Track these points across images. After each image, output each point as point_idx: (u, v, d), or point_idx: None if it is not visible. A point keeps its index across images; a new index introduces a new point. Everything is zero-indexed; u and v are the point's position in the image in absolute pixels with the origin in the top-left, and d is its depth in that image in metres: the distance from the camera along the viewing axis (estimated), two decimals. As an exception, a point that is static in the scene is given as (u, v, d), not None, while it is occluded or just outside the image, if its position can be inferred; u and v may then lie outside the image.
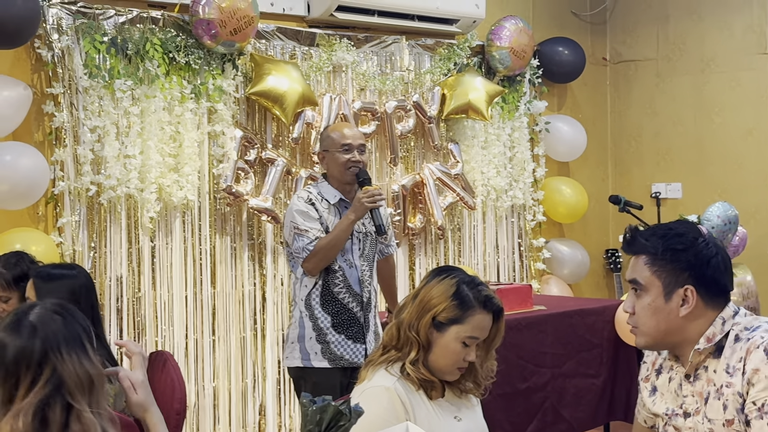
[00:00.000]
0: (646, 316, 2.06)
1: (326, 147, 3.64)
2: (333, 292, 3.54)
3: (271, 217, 4.72)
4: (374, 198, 3.49)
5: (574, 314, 4.69)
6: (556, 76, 6.14)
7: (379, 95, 5.25)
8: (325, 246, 3.47)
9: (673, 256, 2.04)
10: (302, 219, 3.50)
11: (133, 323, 4.35)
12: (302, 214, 3.51)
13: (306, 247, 3.48)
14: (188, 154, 4.43)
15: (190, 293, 4.53)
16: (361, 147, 3.61)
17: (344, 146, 3.57)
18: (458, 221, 5.68)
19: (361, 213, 3.49)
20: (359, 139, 3.63)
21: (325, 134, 3.69)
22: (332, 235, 3.49)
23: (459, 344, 2.22)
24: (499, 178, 5.76)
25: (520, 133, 5.90)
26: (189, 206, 4.52)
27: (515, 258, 5.98)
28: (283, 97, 4.64)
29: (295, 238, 3.51)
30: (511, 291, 4.65)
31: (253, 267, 4.76)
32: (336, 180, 3.61)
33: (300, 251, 3.50)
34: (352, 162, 3.56)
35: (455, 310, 2.21)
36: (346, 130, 3.64)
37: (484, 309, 2.23)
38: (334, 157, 3.58)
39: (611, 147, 6.67)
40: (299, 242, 3.49)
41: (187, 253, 4.53)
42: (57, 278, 2.79)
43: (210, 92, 4.52)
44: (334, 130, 3.65)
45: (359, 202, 3.47)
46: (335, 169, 3.59)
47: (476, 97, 5.44)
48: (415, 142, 5.46)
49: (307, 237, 3.48)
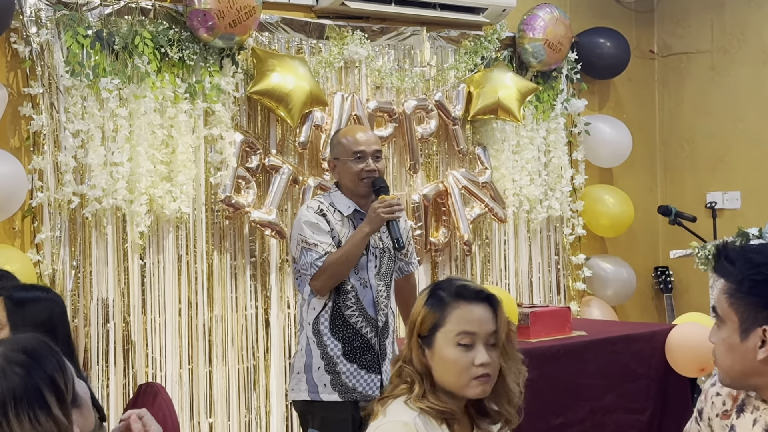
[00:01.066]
0: (723, 352, 2.00)
1: (337, 155, 3.66)
2: (344, 315, 3.54)
3: (276, 232, 4.74)
4: (392, 208, 3.50)
5: (618, 341, 4.67)
6: (596, 72, 6.13)
7: (397, 94, 5.26)
8: (336, 261, 3.48)
9: (752, 288, 1.95)
10: (311, 231, 3.51)
11: (121, 352, 4.35)
12: (311, 226, 3.52)
13: (314, 262, 3.48)
14: (182, 161, 4.45)
15: (185, 317, 4.54)
16: (377, 154, 3.62)
17: (357, 154, 3.58)
18: (487, 235, 5.67)
19: (377, 225, 3.50)
20: (374, 145, 3.63)
21: (336, 140, 3.70)
22: (344, 249, 3.50)
23: (453, 347, 2.18)
24: (532, 186, 5.76)
25: (556, 135, 5.88)
26: (183, 220, 4.53)
27: (551, 277, 5.97)
28: (288, 97, 4.66)
29: (303, 252, 3.52)
30: (547, 314, 4.63)
31: (256, 287, 4.77)
32: (349, 190, 3.63)
33: (307, 267, 3.51)
34: (366, 172, 3.58)
35: (432, 314, 2.19)
36: (359, 134, 3.65)
37: (463, 299, 2.20)
38: (346, 166, 3.60)
39: (660, 151, 6.63)
40: (307, 257, 3.50)
41: (181, 272, 4.54)
42: (31, 302, 2.75)
43: (207, 91, 4.54)
44: (345, 135, 3.66)
45: (375, 212, 3.48)
46: (348, 180, 3.61)
47: (506, 96, 5.43)
48: (438, 146, 5.46)
49: (316, 251, 3.49)
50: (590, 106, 6.18)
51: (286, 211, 4.86)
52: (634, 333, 4.75)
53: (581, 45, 6.02)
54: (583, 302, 6.08)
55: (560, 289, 6.02)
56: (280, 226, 4.74)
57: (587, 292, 6.14)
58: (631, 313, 6.44)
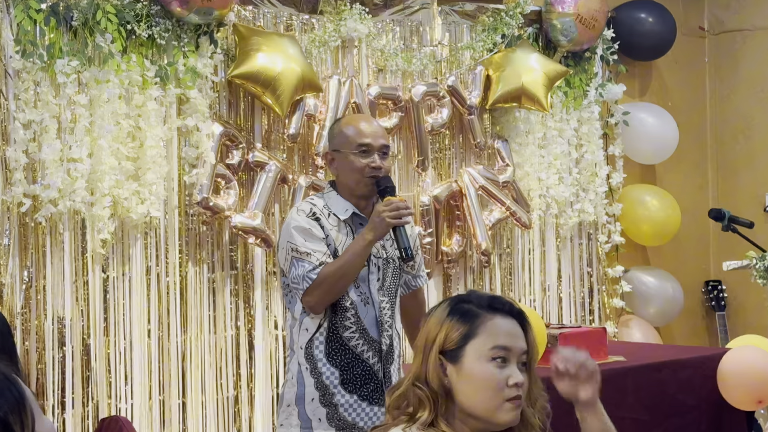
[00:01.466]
0: None
1: (337, 146, 3.66)
2: (342, 337, 3.54)
3: (261, 239, 4.73)
4: (400, 212, 3.48)
5: (663, 367, 4.64)
6: (637, 52, 6.10)
7: (403, 78, 5.24)
8: (333, 274, 3.47)
9: None
10: (303, 239, 3.51)
11: (80, 379, 4.31)
12: (303, 233, 3.52)
13: (307, 275, 3.48)
14: (152, 156, 4.43)
15: (155, 340, 4.52)
16: (384, 149, 3.62)
17: (361, 147, 3.59)
18: (508, 244, 5.65)
19: (382, 232, 3.49)
20: (381, 138, 3.64)
21: (337, 129, 3.71)
22: (342, 260, 3.49)
23: (486, 363, 2.19)
24: (562, 186, 5.74)
25: (589, 127, 5.85)
26: (153, 225, 4.52)
27: (584, 292, 5.94)
28: (276, 81, 4.64)
29: (293, 263, 3.51)
30: (578, 336, 4.61)
31: (238, 304, 4.77)
32: (348, 190, 3.62)
33: (299, 280, 3.50)
34: (371, 168, 3.57)
35: (460, 326, 2.21)
36: (364, 124, 3.67)
37: (496, 311, 2.23)
38: (348, 160, 3.60)
39: (711, 144, 6.62)
40: (298, 269, 3.49)
41: (150, 286, 4.52)
42: None
43: (180, 75, 4.52)
44: (348, 125, 3.68)
45: (379, 216, 3.47)
46: (348, 176, 3.61)
47: (532, 80, 5.40)
48: (451, 139, 5.45)
49: (309, 262, 3.49)
50: (629, 93, 6.13)
51: (272, 215, 4.84)
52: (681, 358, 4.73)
53: (619, 21, 5.99)
54: (621, 322, 6.04)
55: (594, 307, 5.98)
56: (266, 233, 4.72)
57: (626, 311, 6.10)
58: (678, 335, 6.42)
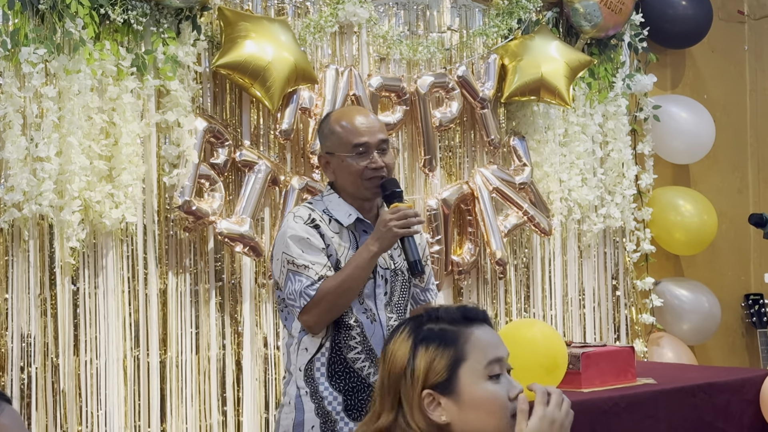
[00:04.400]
0: None
1: (330, 148, 3.64)
2: (346, 358, 3.54)
3: (249, 248, 4.74)
4: (408, 221, 3.48)
5: (698, 391, 4.65)
6: (668, 39, 6.13)
7: (408, 68, 5.24)
8: (334, 290, 3.47)
9: None
10: (300, 249, 3.51)
11: (45, 405, 4.28)
12: (300, 242, 3.52)
13: (305, 290, 3.48)
14: (127, 155, 4.43)
15: (131, 360, 4.51)
16: (382, 145, 3.61)
17: (358, 147, 3.58)
18: (526, 253, 5.67)
19: (388, 243, 3.48)
20: (379, 133, 3.62)
21: (328, 128, 3.67)
22: (345, 273, 3.49)
23: (485, 383, 2.23)
24: (585, 189, 5.75)
25: (616, 122, 5.87)
26: (129, 232, 4.53)
27: (609, 307, 5.96)
28: (266, 72, 4.66)
29: (290, 277, 3.52)
30: (604, 356, 4.60)
31: (223, 320, 4.78)
32: (349, 194, 3.63)
33: (296, 297, 3.50)
34: (371, 170, 3.57)
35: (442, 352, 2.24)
36: (359, 119, 3.64)
37: (472, 322, 2.28)
38: (344, 164, 3.59)
39: (752, 142, 6.66)
40: (295, 284, 3.50)
41: (125, 300, 4.52)
42: None
43: (159, 65, 4.53)
44: (340, 121, 3.65)
45: (386, 226, 3.46)
46: (347, 180, 3.61)
47: (552, 71, 5.42)
48: (462, 136, 5.46)
49: (307, 276, 3.49)
50: (660, 84, 6.15)
51: (262, 220, 4.84)
52: (719, 381, 4.74)
53: (649, 4, 6.01)
54: (651, 340, 6.04)
55: (621, 324, 5.99)
56: (255, 241, 4.73)
57: (657, 328, 6.11)
58: (715, 355, 6.42)
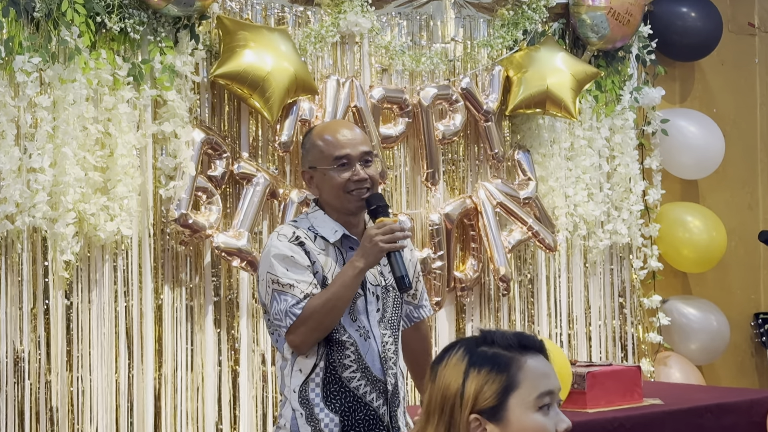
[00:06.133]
0: None
1: (313, 162, 3.64)
2: (342, 378, 3.52)
3: (247, 262, 4.74)
4: (394, 235, 3.48)
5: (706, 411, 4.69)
6: (677, 51, 6.14)
7: (411, 79, 5.27)
8: (320, 308, 3.46)
9: None
10: (284, 268, 3.51)
11: (37, 422, 4.27)
12: (284, 261, 3.52)
13: (290, 310, 3.47)
14: (123, 166, 4.43)
15: (124, 377, 4.50)
16: (365, 156, 3.61)
17: (339, 160, 3.58)
18: (530, 269, 5.69)
19: (374, 258, 3.49)
20: (361, 145, 3.62)
21: (309, 143, 3.68)
22: (330, 291, 3.48)
23: (534, 414, 2.24)
24: (591, 204, 5.76)
25: (623, 136, 5.89)
26: (123, 245, 4.52)
27: (616, 326, 5.96)
28: (265, 82, 4.67)
29: (275, 297, 3.51)
30: (609, 376, 4.63)
31: (220, 337, 4.78)
32: (334, 209, 3.63)
33: (281, 317, 3.50)
34: (354, 182, 3.57)
35: (494, 378, 2.24)
36: (341, 131, 3.65)
37: (527, 350, 2.28)
38: (326, 177, 3.59)
39: (762, 157, 6.65)
40: (280, 303, 3.49)
41: (119, 315, 4.51)
42: None
43: (157, 74, 4.54)
44: (321, 136, 3.65)
45: (371, 241, 3.47)
46: (330, 194, 3.61)
47: (558, 83, 5.45)
48: (465, 149, 5.50)
49: (293, 295, 3.48)
50: (668, 97, 6.14)
51: (260, 234, 4.85)
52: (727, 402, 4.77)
53: (657, 16, 6.02)
54: (658, 360, 6.05)
55: (628, 343, 5.99)
56: (253, 255, 4.71)
57: (664, 347, 6.12)
58: (723, 375, 6.42)
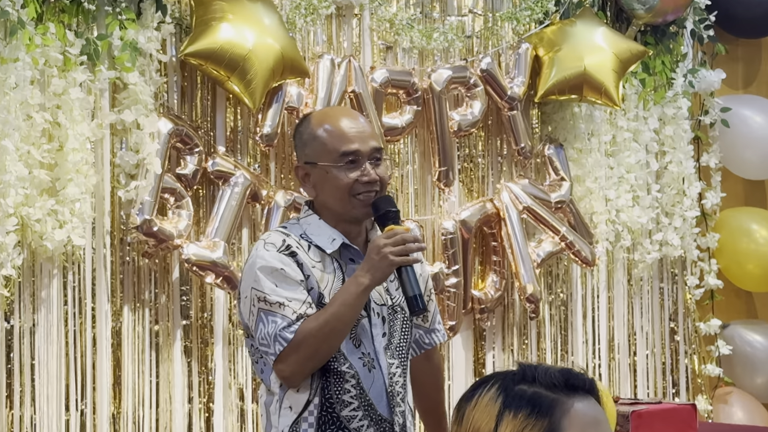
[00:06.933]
0: None
1: (312, 157, 3.61)
2: (341, 417, 3.53)
3: (223, 278, 4.76)
4: (406, 247, 3.45)
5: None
6: (741, 27, 6.29)
7: (420, 59, 5.32)
8: (317, 332, 3.44)
9: None
10: (273, 283, 3.49)
11: (-31, 470, 4.37)
12: (273, 275, 3.50)
13: (280, 333, 3.45)
14: (75, 162, 4.44)
15: (75, 416, 4.53)
16: (376, 153, 3.59)
17: (346, 156, 3.56)
18: (564, 288, 5.74)
19: (382, 274, 3.47)
20: (371, 139, 3.61)
21: (307, 132, 3.66)
22: (329, 312, 3.46)
23: None
24: (637, 209, 5.83)
25: (675, 128, 5.96)
26: (75, 257, 4.54)
27: (666, 356, 6.05)
28: (246, 62, 4.70)
29: (261, 318, 3.50)
30: (659, 415, 4.70)
31: (190, 368, 4.83)
32: (332, 212, 3.59)
33: (269, 342, 3.47)
34: (363, 184, 3.55)
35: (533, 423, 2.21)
36: (347, 122, 3.63)
37: (575, 392, 2.24)
38: (329, 176, 3.57)
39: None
40: (268, 326, 3.48)
41: (70, 340, 4.53)
42: None
43: (116, 53, 4.57)
44: (322, 124, 3.63)
45: (379, 253, 3.44)
46: (332, 197, 3.58)
47: (597, 63, 5.51)
48: (486, 143, 5.55)
49: (283, 315, 3.45)
50: (730, 82, 6.30)
51: (239, 244, 4.92)
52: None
53: (716, -14, 6.14)
54: (717, 397, 6.14)
55: (680, 376, 6.08)
56: (230, 270, 4.74)
57: (724, 381, 6.20)
58: (794, 414, 6.36)
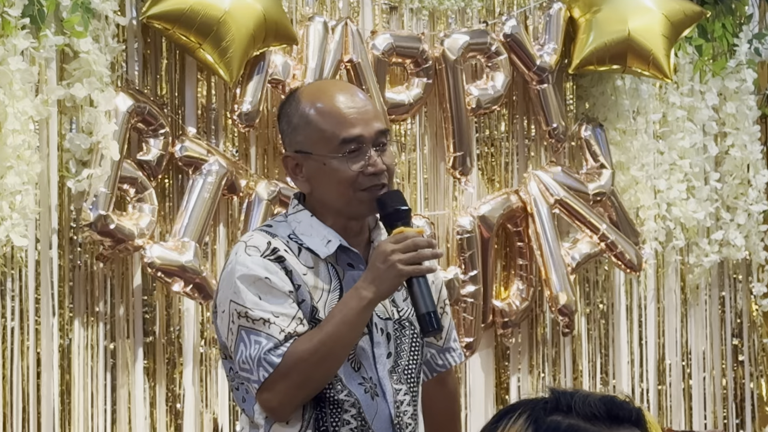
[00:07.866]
0: None
1: (305, 144, 3.54)
2: None
3: (194, 286, 4.80)
4: (419, 254, 3.38)
5: None
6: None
7: (431, 22, 5.40)
8: (310, 355, 3.42)
9: None
10: (255, 296, 3.46)
11: None
12: (256, 285, 3.46)
13: (265, 356, 3.41)
14: (15, 147, 4.52)
15: None
16: (381, 137, 3.51)
17: (347, 144, 3.50)
18: (604, 298, 5.79)
19: (390, 285, 3.43)
20: (374, 120, 3.54)
21: (297, 113, 3.58)
22: (325, 331, 3.43)
23: None
24: (692, 202, 5.88)
25: (738, 105, 6.00)
26: (15, 261, 4.63)
27: (728, 379, 6.14)
28: (221, 26, 4.79)
29: (242, 337, 3.46)
30: None
31: (154, 393, 4.91)
32: (331, 210, 3.53)
33: (251, 366, 3.43)
34: (368, 176, 3.50)
35: None
36: (344, 99, 3.57)
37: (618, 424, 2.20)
38: (326, 168, 3.52)
39: None
40: (251, 347, 3.44)
41: (8, 359, 4.62)
42: None
43: (64, 14, 4.64)
44: (314, 103, 3.57)
45: (386, 260, 3.39)
46: (329, 191, 3.54)
47: (644, 27, 5.55)
48: (510, 123, 5.61)
49: (268, 335, 3.41)
50: None
51: (213, 243, 5.01)
52: None
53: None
54: None
55: (746, 403, 6.17)
56: (203, 276, 4.79)
57: None
58: None
